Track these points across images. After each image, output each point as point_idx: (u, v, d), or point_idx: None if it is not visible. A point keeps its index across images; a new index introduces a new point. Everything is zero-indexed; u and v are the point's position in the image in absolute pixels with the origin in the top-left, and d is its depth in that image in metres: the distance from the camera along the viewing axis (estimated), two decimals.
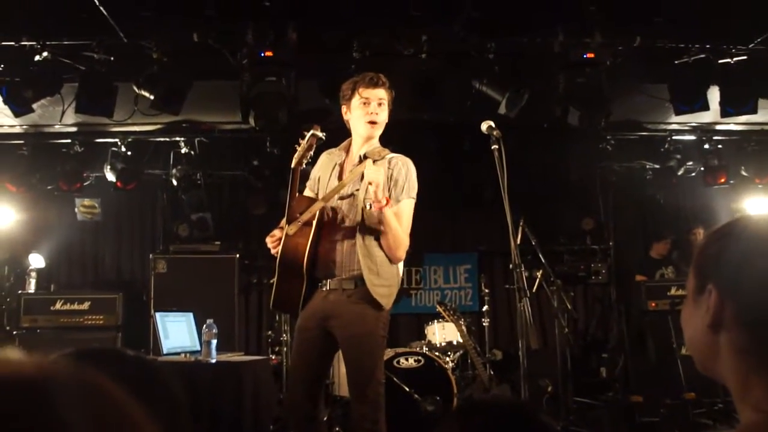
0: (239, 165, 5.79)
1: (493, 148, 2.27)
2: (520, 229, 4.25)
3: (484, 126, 2.33)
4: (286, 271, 2.29)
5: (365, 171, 2.19)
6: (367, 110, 2.38)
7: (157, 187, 5.90)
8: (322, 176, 2.47)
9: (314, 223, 2.27)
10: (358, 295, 2.28)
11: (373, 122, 2.38)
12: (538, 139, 5.47)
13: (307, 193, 2.50)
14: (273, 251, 2.30)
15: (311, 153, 2.25)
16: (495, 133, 2.29)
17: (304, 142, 2.26)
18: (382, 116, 2.39)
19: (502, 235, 2.14)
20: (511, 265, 2.13)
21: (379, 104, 2.38)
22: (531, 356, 2.50)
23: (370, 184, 2.16)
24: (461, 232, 6.26)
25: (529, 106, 4.16)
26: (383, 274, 2.30)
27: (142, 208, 6.02)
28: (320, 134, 2.23)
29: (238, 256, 5.34)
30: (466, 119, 3.36)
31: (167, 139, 5.48)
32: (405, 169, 2.38)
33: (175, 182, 5.58)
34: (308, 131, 2.23)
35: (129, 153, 5.37)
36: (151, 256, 5.34)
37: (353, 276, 2.30)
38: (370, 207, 2.25)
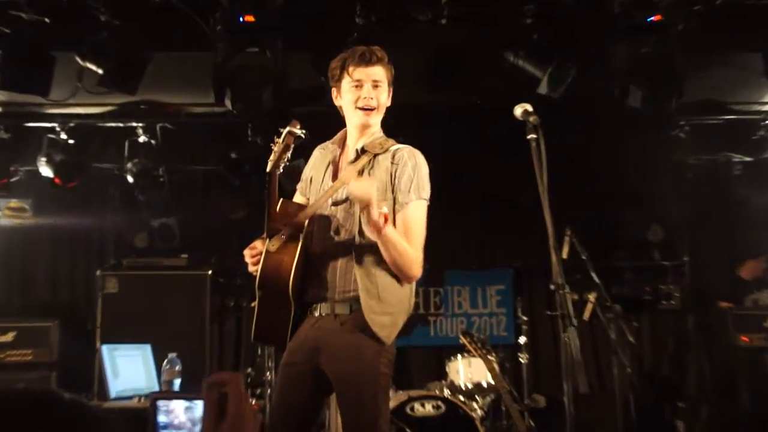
0: (213, 158, 5.86)
1: (529, 137, 2.28)
2: (567, 240, 4.26)
3: (518, 110, 2.35)
4: (269, 296, 2.29)
5: (349, 186, 2.16)
6: (359, 94, 2.38)
7: (107, 185, 5.97)
8: (315, 177, 2.48)
9: (301, 236, 2.28)
10: (353, 322, 2.27)
11: (367, 108, 2.38)
12: (589, 127, 5.47)
13: (297, 198, 2.51)
14: (251, 268, 2.30)
15: (289, 154, 2.26)
16: (532, 119, 2.30)
17: (279, 141, 2.26)
18: (380, 100, 2.39)
19: (544, 247, 2.14)
20: (552, 286, 2.12)
21: (375, 86, 2.38)
22: (581, 403, 2.47)
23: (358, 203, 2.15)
24: (492, 244, 6.28)
25: (578, 85, 4.17)
26: (386, 298, 2.28)
27: (88, 212, 6.07)
28: (298, 131, 2.25)
29: (210, 272, 5.39)
30: (497, 102, 3.36)
31: (120, 125, 5.56)
32: (412, 162, 2.36)
33: (130, 179, 5.65)
34: (285, 128, 2.25)
35: (71, 142, 5.44)
36: (98, 272, 5.41)
37: (348, 298, 2.28)
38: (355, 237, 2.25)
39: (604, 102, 4.66)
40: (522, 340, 4.78)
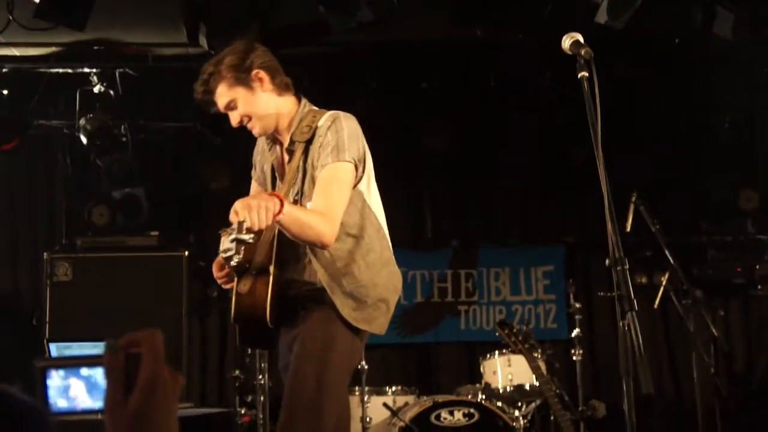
0: (187, 113, 5.90)
1: (580, 76, 2.32)
2: (632, 207, 4.30)
3: (566, 41, 2.38)
4: (248, 327, 2.73)
5: (237, 213, 2.40)
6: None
7: (55, 147, 6.07)
8: (266, 169, 2.86)
9: (271, 267, 2.61)
10: (320, 311, 2.67)
11: (234, 131, 2.77)
12: (662, 64, 5.47)
13: (254, 187, 2.91)
14: (225, 286, 2.74)
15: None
16: (584, 51, 2.33)
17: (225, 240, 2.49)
18: (243, 114, 2.72)
19: (604, 218, 2.21)
20: (607, 261, 2.19)
21: (230, 108, 2.73)
22: (647, 408, 2.55)
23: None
24: (538, 215, 6.34)
25: (648, 11, 4.17)
26: (353, 280, 2.66)
27: (32, 181, 6.17)
28: (247, 238, 2.39)
29: (187, 254, 5.49)
30: (544, 35, 3.40)
31: (69, 71, 5.63)
32: (329, 127, 2.66)
33: (84, 139, 5.73)
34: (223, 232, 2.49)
35: (5, 92, 5.53)
36: (45, 255, 5.50)
37: (315, 290, 2.68)
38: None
39: (682, 31, 4.67)
40: (575, 333, 4.85)
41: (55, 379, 1.04)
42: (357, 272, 2.67)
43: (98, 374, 1.05)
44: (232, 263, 2.42)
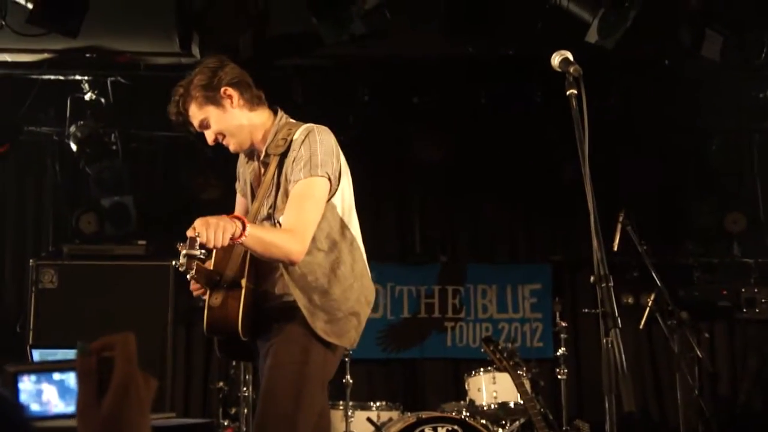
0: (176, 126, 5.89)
1: (569, 93, 2.32)
2: (619, 227, 4.31)
3: (555, 59, 2.38)
4: (223, 340, 2.76)
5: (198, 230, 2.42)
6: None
7: (44, 154, 6.07)
8: (248, 180, 2.89)
9: (243, 280, 2.62)
10: (292, 324, 2.66)
11: (224, 146, 2.80)
12: (651, 84, 5.50)
13: (238, 199, 2.97)
14: (199, 295, 2.74)
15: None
16: (572, 69, 2.33)
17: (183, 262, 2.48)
18: (217, 132, 2.76)
19: (591, 237, 2.21)
20: (592, 278, 2.19)
21: (203, 127, 2.78)
22: (630, 428, 2.53)
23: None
24: (526, 233, 6.36)
25: (638, 31, 4.20)
26: (324, 294, 2.68)
27: (20, 187, 6.17)
28: (182, 261, 2.41)
29: (174, 263, 5.47)
30: (534, 52, 3.42)
31: (61, 78, 5.63)
32: (303, 141, 2.66)
33: (74, 146, 5.73)
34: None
35: None
36: (31, 262, 5.48)
37: (287, 303, 2.68)
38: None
39: (671, 53, 4.70)
40: (561, 352, 4.86)
41: (27, 384, 1.03)
42: (327, 286, 2.66)
43: (70, 378, 1.04)
44: (189, 277, 2.45)
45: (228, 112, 2.73)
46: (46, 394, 1.05)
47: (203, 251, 2.37)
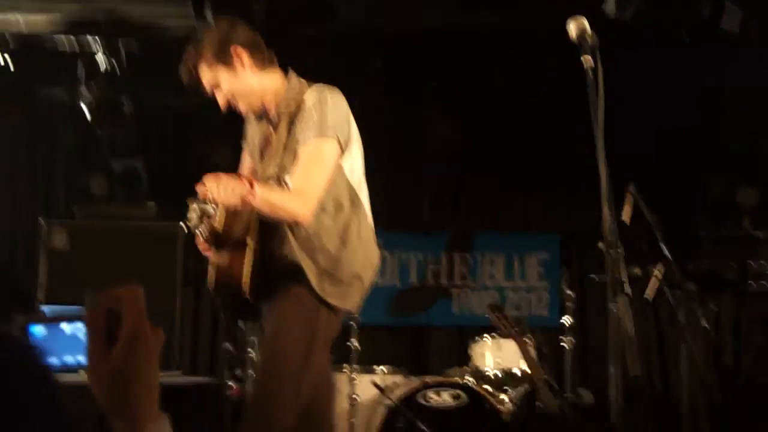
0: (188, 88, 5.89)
1: (584, 62, 2.31)
2: (629, 199, 4.31)
3: (571, 27, 2.36)
4: (228, 299, 2.79)
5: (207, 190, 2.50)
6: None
7: (56, 118, 6.08)
8: (256, 141, 2.92)
9: (248, 238, 2.64)
10: (295, 286, 2.69)
11: (234, 110, 2.83)
12: (667, 57, 5.46)
13: (245, 159, 2.99)
14: (205, 254, 2.81)
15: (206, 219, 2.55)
16: (589, 38, 2.33)
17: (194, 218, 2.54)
18: (229, 95, 2.77)
19: (601, 207, 2.21)
20: (600, 244, 2.20)
21: (213, 87, 2.79)
22: (634, 399, 2.55)
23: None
24: (535, 201, 6.35)
25: (656, 3, 4.16)
26: (327, 255, 2.69)
27: (31, 149, 6.19)
28: (192, 215, 2.47)
29: (183, 225, 5.50)
30: (547, 23, 3.40)
31: (73, 41, 5.62)
32: (313, 101, 2.66)
33: (86, 110, 5.74)
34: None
35: (8, 61, 5.52)
36: (42, 222, 5.52)
37: (291, 263, 2.69)
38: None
39: (689, 24, 4.65)
40: (566, 320, 4.88)
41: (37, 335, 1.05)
42: (332, 249, 2.68)
43: (79, 330, 1.06)
44: (198, 232, 2.46)
45: (238, 73, 2.73)
46: (57, 345, 1.07)
47: (213, 206, 2.39)
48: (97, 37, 5.56)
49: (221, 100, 2.79)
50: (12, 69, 5.52)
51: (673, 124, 5.89)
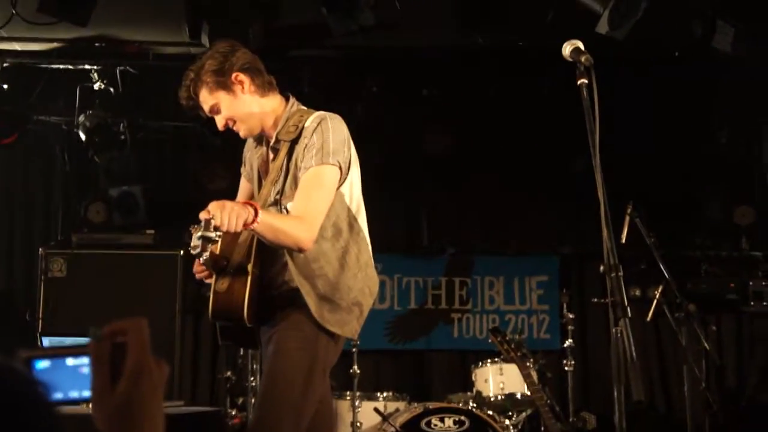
0: (186, 112, 5.90)
1: (580, 83, 2.31)
2: (627, 219, 4.30)
3: (567, 49, 2.37)
4: (228, 326, 2.73)
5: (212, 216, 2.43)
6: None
7: (53, 143, 6.07)
8: (254, 166, 2.88)
9: (249, 266, 2.61)
10: (294, 312, 2.66)
11: (234, 132, 2.79)
12: (661, 76, 5.48)
13: (243, 184, 2.96)
14: (205, 281, 2.75)
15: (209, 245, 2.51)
16: (584, 58, 2.32)
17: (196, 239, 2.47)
18: (228, 117, 2.74)
19: (600, 229, 2.20)
20: (602, 268, 2.18)
21: (214, 112, 2.76)
22: (637, 420, 2.54)
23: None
24: (534, 224, 6.34)
25: (649, 22, 4.18)
26: (328, 282, 2.67)
27: (28, 176, 6.17)
28: (213, 235, 2.41)
29: (182, 253, 5.49)
30: (544, 43, 3.41)
31: (70, 67, 5.64)
32: (315, 129, 2.66)
33: (83, 136, 5.74)
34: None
35: (4, 86, 5.53)
36: (41, 250, 5.51)
37: (290, 289, 2.67)
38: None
39: (682, 44, 4.68)
40: (568, 343, 4.85)
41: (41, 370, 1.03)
42: (332, 274, 2.66)
43: (83, 364, 1.04)
44: (201, 260, 2.45)
45: (239, 97, 2.72)
46: (61, 379, 1.05)
47: (218, 234, 2.37)
48: (94, 64, 5.58)
49: (220, 124, 2.78)
50: (9, 95, 5.54)
51: (670, 144, 5.90)
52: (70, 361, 1.06)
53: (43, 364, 1.05)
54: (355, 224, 2.75)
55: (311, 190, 2.60)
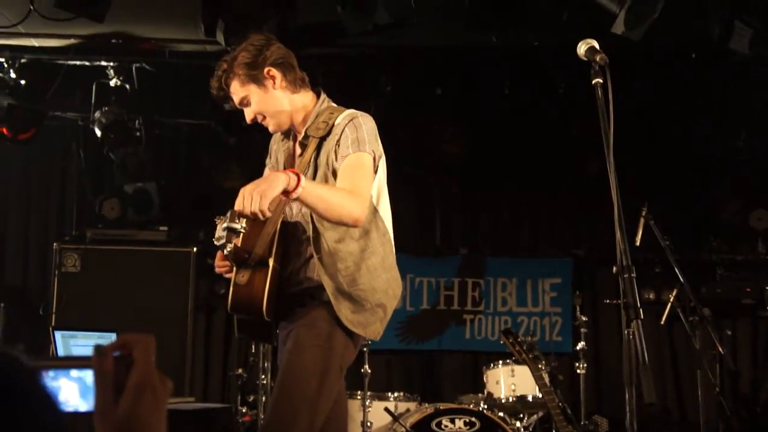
0: (201, 108, 5.94)
1: (594, 82, 2.30)
2: (642, 222, 4.28)
3: (582, 48, 2.36)
4: (245, 319, 2.71)
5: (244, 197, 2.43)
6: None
7: (69, 139, 6.12)
8: (280, 158, 2.86)
9: (270, 260, 2.60)
10: (315, 309, 2.66)
11: (261, 127, 2.77)
12: (677, 78, 5.45)
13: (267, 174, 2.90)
14: (225, 275, 2.73)
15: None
16: (599, 58, 2.32)
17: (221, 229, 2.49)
18: (256, 111, 2.73)
19: (614, 231, 2.18)
20: (615, 268, 2.17)
21: (243, 105, 2.74)
22: (651, 423, 2.53)
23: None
24: (548, 226, 6.33)
25: (666, 22, 4.16)
26: (353, 278, 2.66)
27: (44, 172, 6.22)
28: (239, 226, 2.43)
29: (196, 250, 5.52)
30: (559, 43, 3.40)
31: (86, 64, 5.67)
32: (352, 124, 2.66)
33: (99, 132, 5.77)
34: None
35: (22, 82, 5.57)
36: (55, 245, 5.55)
37: (313, 287, 2.67)
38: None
39: (699, 45, 4.65)
40: (580, 346, 4.84)
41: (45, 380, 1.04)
42: (357, 275, 2.65)
43: (88, 376, 1.04)
44: (225, 252, 2.44)
45: (270, 92, 2.70)
46: (65, 391, 1.05)
47: (243, 225, 2.36)
48: (110, 61, 5.62)
49: (249, 117, 2.75)
50: (25, 91, 5.58)
51: (686, 146, 5.87)
52: (75, 373, 1.06)
53: (48, 375, 1.05)
54: (381, 225, 2.74)
55: (354, 170, 2.59)
